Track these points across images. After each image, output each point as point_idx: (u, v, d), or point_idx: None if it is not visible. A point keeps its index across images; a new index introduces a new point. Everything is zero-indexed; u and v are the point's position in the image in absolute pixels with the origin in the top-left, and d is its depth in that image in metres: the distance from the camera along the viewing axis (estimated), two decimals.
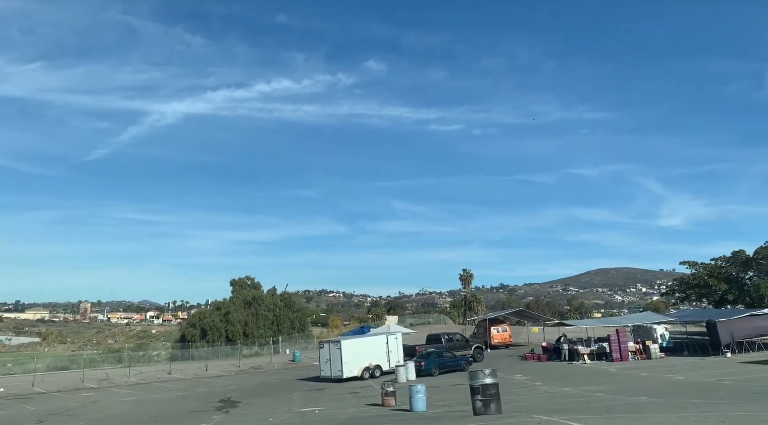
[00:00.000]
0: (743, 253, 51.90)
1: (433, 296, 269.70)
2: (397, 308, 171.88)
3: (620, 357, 34.54)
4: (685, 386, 22.29)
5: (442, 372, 33.87)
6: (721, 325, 32.62)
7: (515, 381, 28.61)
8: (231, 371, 46.40)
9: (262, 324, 61.45)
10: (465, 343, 40.33)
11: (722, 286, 50.52)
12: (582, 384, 25.57)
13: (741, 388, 20.07)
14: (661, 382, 24.05)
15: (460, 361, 35.10)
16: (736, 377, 23.83)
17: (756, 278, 50.69)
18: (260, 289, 68.31)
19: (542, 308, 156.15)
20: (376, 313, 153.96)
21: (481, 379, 14.84)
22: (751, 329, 32.96)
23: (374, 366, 34.83)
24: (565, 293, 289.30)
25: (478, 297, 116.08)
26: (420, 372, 33.15)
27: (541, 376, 29.77)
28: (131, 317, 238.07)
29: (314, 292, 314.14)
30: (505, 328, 50.63)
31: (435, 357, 34.26)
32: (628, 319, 41.79)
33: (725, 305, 51.15)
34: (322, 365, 34.74)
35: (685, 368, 29.10)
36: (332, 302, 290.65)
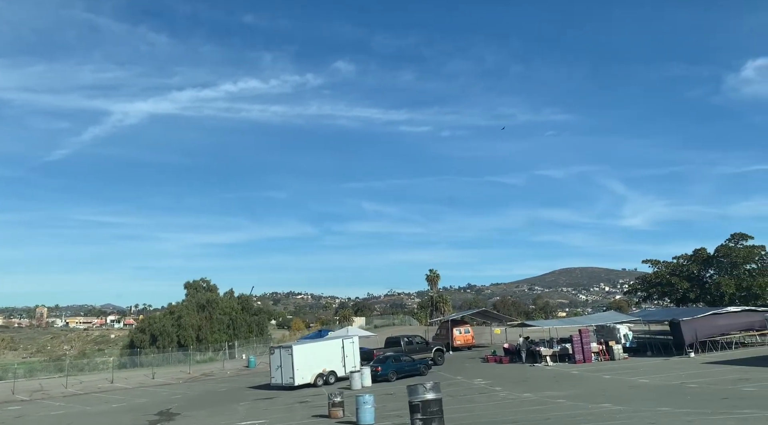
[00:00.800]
0: (704, 251, 51.82)
1: (402, 297, 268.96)
2: (365, 309, 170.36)
3: (583, 359, 33.43)
4: (650, 391, 21.09)
5: (400, 377, 32.17)
6: (685, 324, 31.81)
7: (474, 386, 27.13)
8: (180, 378, 43.84)
9: (217, 328, 58.79)
10: (425, 346, 38.76)
11: (684, 284, 50.29)
12: (543, 388, 24.23)
13: (707, 393, 18.92)
14: (625, 386, 22.84)
15: (419, 365, 33.47)
16: (701, 379, 22.79)
17: (716, 276, 50.63)
18: (216, 292, 65.51)
19: (508, 307, 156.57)
20: (343, 315, 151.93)
21: (421, 395, 13.05)
22: (714, 328, 32.27)
23: (328, 372, 32.95)
24: (531, 292, 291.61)
25: (444, 298, 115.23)
26: (376, 377, 31.43)
27: (501, 380, 28.39)
28: (91, 321, 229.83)
29: (282, 294, 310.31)
30: (467, 329, 49.30)
31: (392, 362, 32.55)
32: (591, 319, 40.93)
33: (687, 304, 50.96)
34: (273, 372, 32.72)
35: (649, 369, 28.07)
36: (300, 304, 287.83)
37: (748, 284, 47.01)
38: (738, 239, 50.30)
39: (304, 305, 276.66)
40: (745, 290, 47.15)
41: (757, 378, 21.75)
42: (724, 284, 47.42)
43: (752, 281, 47.02)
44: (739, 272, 48.91)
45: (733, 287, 47.14)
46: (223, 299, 63.87)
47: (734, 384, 20.49)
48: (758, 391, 18.25)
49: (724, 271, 49.86)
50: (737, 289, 47.30)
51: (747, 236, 50.03)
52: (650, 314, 40.32)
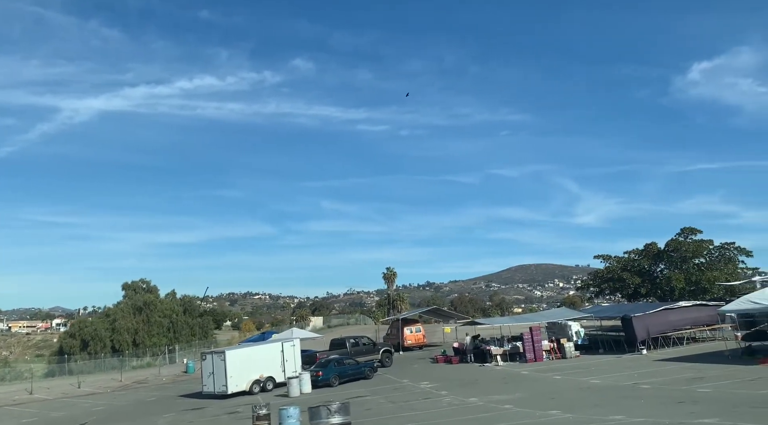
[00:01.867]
0: (655, 245, 51.71)
1: (362, 296, 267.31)
2: (323, 309, 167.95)
3: (534, 358, 32.14)
4: (602, 393, 19.68)
5: (344, 382, 30.17)
6: (637, 320, 30.86)
7: (419, 390, 25.32)
8: (109, 387, 40.58)
9: (156, 331, 55.30)
10: (372, 347, 36.82)
11: (635, 279, 50.00)
12: (491, 391, 22.62)
13: (661, 396, 17.58)
14: (576, 388, 21.43)
15: (363, 368, 31.49)
16: (654, 379, 21.58)
17: (667, 270, 50.59)
18: (156, 293, 61.81)
19: (465, 304, 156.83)
20: (300, 314, 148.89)
21: (324, 419, 10.78)
22: (666, 324, 31.44)
23: (266, 378, 30.67)
24: (488, 289, 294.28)
25: (401, 296, 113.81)
26: (317, 383, 29.32)
27: (448, 383, 26.70)
28: (35, 325, 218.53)
29: (239, 295, 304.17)
30: (418, 328, 47.64)
31: (334, 366, 30.44)
32: (543, 316, 39.83)
33: (638, 299, 50.73)
34: (205, 379, 30.24)
35: (601, 368, 26.89)
36: (258, 304, 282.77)
37: (697, 278, 47.02)
38: (687, 234, 50.36)
39: (262, 306, 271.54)
40: (694, 285, 47.16)
41: (711, 376, 20.67)
42: (674, 278, 47.32)
43: (701, 276, 47.05)
44: (688, 266, 48.95)
45: (682, 282, 47.08)
46: (163, 301, 60.29)
47: (688, 385, 19.28)
48: (713, 393, 17.00)
49: (674, 265, 49.84)
50: (687, 283, 47.28)
51: (696, 231, 50.17)
52: (602, 311, 39.49)
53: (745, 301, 24.96)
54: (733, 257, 49.24)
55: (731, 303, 27.05)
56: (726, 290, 46.32)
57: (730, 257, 49.20)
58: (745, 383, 18.42)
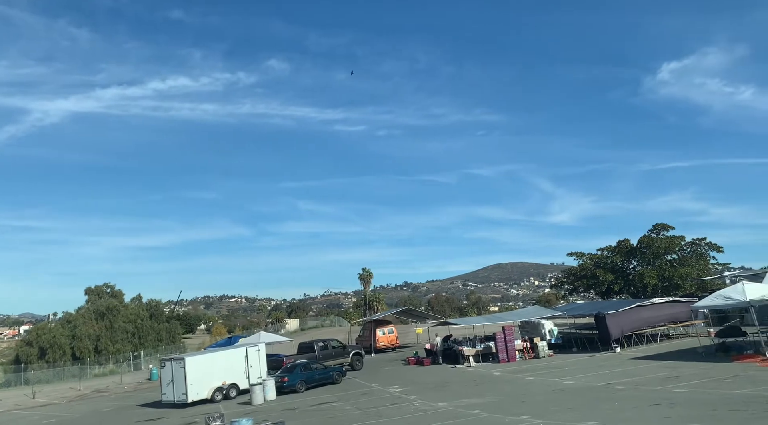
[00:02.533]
0: (627, 242, 51.57)
1: (339, 297, 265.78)
2: (300, 311, 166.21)
3: (507, 358, 31.34)
4: (575, 396, 18.84)
5: (311, 387, 28.94)
6: (610, 318, 30.27)
7: (388, 394, 24.25)
8: (66, 397, 38.61)
9: (120, 337, 53.19)
10: (342, 350, 35.62)
11: (608, 276, 49.75)
12: (461, 395, 21.67)
13: (636, 397, 16.79)
14: (548, 390, 20.57)
15: (331, 372, 30.30)
16: (629, 379, 20.87)
17: (640, 267, 50.47)
18: (121, 297, 59.60)
19: (442, 304, 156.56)
20: (275, 317, 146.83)
21: None
22: (640, 321, 30.93)
23: (229, 385, 29.25)
24: (464, 288, 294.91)
25: (378, 296, 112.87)
26: (282, 389, 28.07)
27: (419, 386, 25.70)
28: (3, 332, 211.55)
29: (214, 298, 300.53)
30: (391, 329, 46.61)
31: (300, 371, 29.18)
32: (515, 315, 39.14)
33: (612, 296, 50.52)
34: (164, 387, 28.70)
35: (575, 368, 26.17)
36: (234, 307, 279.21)
37: (670, 274, 46.95)
38: (660, 230, 50.32)
39: (238, 309, 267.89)
40: (666, 281, 47.09)
41: (686, 375, 20.02)
42: (647, 275, 47.15)
43: (673, 272, 46.98)
44: (661, 262, 48.88)
45: (655, 278, 46.94)
46: (128, 305, 58.14)
47: (663, 384, 18.57)
48: (689, 394, 16.27)
49: (647, 262, 49.73)
50: (659, 280, 47.17)
51: (668, 227, 50.15)
52: (575, 308, 38.93)
53: (718, 297, 24.47)
54: (705, 253, 49.36)
55: (704, 299, 26.59)
56: (698, 286, 46.37)
57: (702, 253, 49.31)
58: (721, 382, 17.76)
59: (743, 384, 16.88)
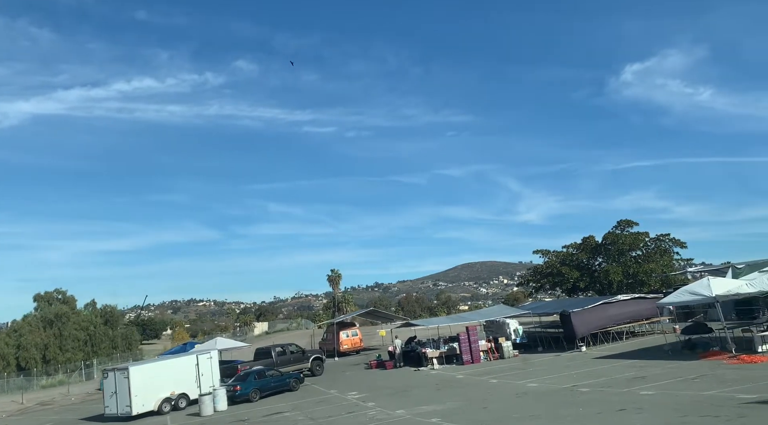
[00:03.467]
0: (592, 239, 51.29)
1: (310, 299, 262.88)
2: (270, 313, 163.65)
3: (471, 359, 30.35)
4: (538, 399, 17.80)
5: (265, 396, 27.37)
6: (576, 316, 29.52)
7: (345, 402, 22.89)
8: (5, 411, 36.17)
9: (70, 346, 50.46)
10: (301, 355, 34.12)
11: (574, 274, 49.35)
12: (421, 401, 20.46)
13: (601, 401, 15.83)
14: (511, 394, 19.52)
15: (288, 379, 28.76)
16: (594, 380, 19.99)
17: (605, 264, 50.22)
18: (73, 303, 56.72)
19: (412, 304, 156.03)
20: (244, 320, 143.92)
21: None
22: (606, 319, 30.27)
23: (178, 395, 27.47)
24: (435, 288, 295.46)
25: (347, 298, 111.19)
26: (235, 398, 26.44)
27: (378, 392, 24.43)
28: None
29: (182, 302, 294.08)
30: (355, 332, 45.25)
31: (254, 378, 27.57)
32: (480, 315, 38.26)
33: (577, 293, 50.17)
34: (107, 399, 26.76)
35: (540, 369, 25.28)
36: (202, 311, 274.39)
37: (635, 271, 46.73)
38: (624, 226, 50.15)
39: (206, 313, 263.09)
40: (632, 277, 46.86)
41: (652, 375, 19.21)
42: (612, 271, 46.86)
43: (638, 268, 46.78)
44: (625, 259, 48.69)
45: (620, 275, 46.68)
46: (80, 312, 55.31)
47: (629, 386, 17.69)
48: (657, 396, 15.37)
49: (612, 259, 49.51)
50: (624, 276, 46.93)
51: (632, 223, 50.01)
52: (540, 307, 38.26)
53: (685, 293, 23.85)
54: (668, 249, 49.36)
55: (670, 295, 26.00)
56: (662, 282, 46.28)
57: (666, 248, 49.29)
58: (689, 382, 16.96)
59: (712, 384, 16.08)
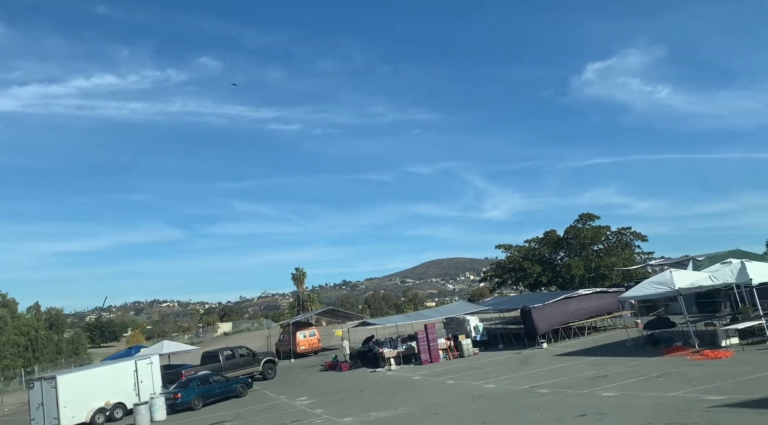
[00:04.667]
0: (554, 233, 50.74)
1: (276, 299, 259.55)
2: (234, 313, 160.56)
3: (430, 359, 29.08)
4: (494, 403, 16.52)
5: (210, 403, 25.50)
6: (536, 312, 28.53)
7: (293, 409, 21.23)
8: None
9: (9, 352, 47.28)
10: (252, 358, 32.28)
11: (536, 268, 48.67)
12: (372, 406, 18.99)
13: (560, 405, 14.62)
14: (467, 397, 18.20)
15: (235, 385, 26.91)
16: (554, 379, 18.85)
17: (567, 258, 49.72)
18: (14, 307, 53.31)
19: (379, 301, 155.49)
20: (207, 321, 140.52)
21: None
22: (567, 314, 29.40)
23: (113, 405, 25.34)
24: (402, 285, 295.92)
25: (312, 296, 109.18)
26: (176, 406, 24.51)
27: (329, 396, 22.87)
28: None
29: (145, 303, 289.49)
30: (313, 332, 43.55)
31: (197, 385, 25.64)
32: (439, 312, 37.04)
33: (540, 288, 49.55)
34: (33, 412, 24.50)
35: (499, 368, 24.12)
36: (166, 312, 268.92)
37: (596, 264, 46.30)
38: (585, 220, 49.74)
39: (170, 313, 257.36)
40: (593, 271, 46.42)
41: (615, 374, 18.17)
42: (574, 266, 46.31)
43: (600, 262, 46.36)
44: (587, 253, 48.26)
45: (582, 269, 46.18)
46: (20, 316, 52.03)
47: (591, 386, 16.56)
48: (619, 399, 14.23)
49: (574, 253, 49.03)
50: (586, 270, 46.45)
51: (594, 217, 49.63)
52: (501, 303, 37.27)
53: (647, 286, 23.00)
54: (630, 243, 49.17)
55: (632, 289, 25.18)
56: (623, 276, 46.00)
57: (627, 242, 49.07)
58: (653, 381, 15.91)
59: (676, 383, 15.06)
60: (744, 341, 20.24)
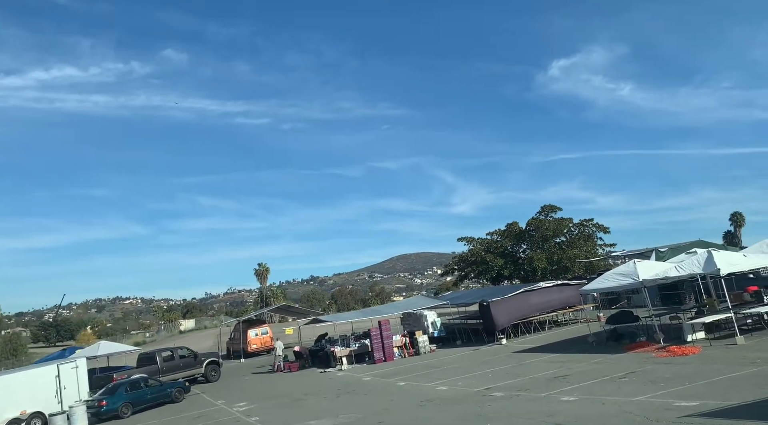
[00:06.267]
0: (516, 225, 49.65)
1: (243, 295, 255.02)
2: (198, 310, 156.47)
3: (384, 357, 27.30)
4: (442, 409, 14.81)
5: (141, 409, 23.20)
6: (495, 306, 27.04)
7: (228, 416, 19.19)
8: None
9: None
10: (194, 359, 29.95)
11: (498, 261, 47.46)
12: (313, 413, 17.11)
13: (514, 411, 12.98)
14: (415, 402, 16.45)
15: (169, 390, 24.60)
16: (510, 380, 17.28)
17: (529, 251, 48.67)
18: None
19: (345, 296, 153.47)
20: (168, 318, 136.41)
21: None
22: (528, 308, 28.02)
23: (30, 414, 22.77)
24: (370, 280, 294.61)
25: (275, 292, 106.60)
26: (101, 415, 22.14)
27: (270, 401, 20.88)
28: None
29: (107, 300, 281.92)
30: (265, 330, 41.26)
31: (126, 391, 23.25)
32: (395, 307, 35.36)
33: (502, 281, 48.38)
34: None
35: (454, 367, 22.48)
36: (128, 309, 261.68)
37: (559, 257, 45.36)
38: (548, 212, 48.76)
39: (133, 311, 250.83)
40: (556, 264, 45.47)
41: (575, 373, 16.69)
42: (536, 258, 45.25)
43: (562, 254, 45.44)
44: (549, 245, 47.28)
45: (544, 262, 45.17)
46: None
47: (549, 388, 14.99)
48: (579, 405, 12.65)
49: (536, 245, 47.99)
50: (549, 263, 45.46)
51: (556, 208, 48.69)
52: (459, 297, 35.78)
53: (609, 277, 21.65)
54: (592, 235, 48.40)
55: (594, 281, 23.80)
56: (585, 268, 45.16)
57: (589, 234, 48.29)
58: (616, 383, 14.40)
59: (642, 385, 13.58)
60: (710, 335, 19.04)
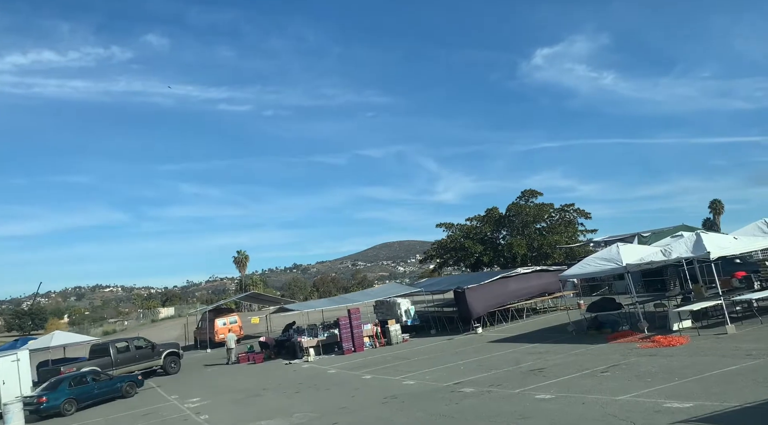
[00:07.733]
0: (496, 210, 48.15)
1: (225, 283, 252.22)
2: (178, 298, 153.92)
3: (353, 347, 25.75)
4: (405, 409, 13.26)
5: (88, 406, 21.36)
6: (471, 293, 25.58)
7: (177, 413, 17.49)
8: None
9: None
10: (151, 351, 28.11)
11: (477, 248, 45.96)
12: (268, 410, 15.54)
13: (482, 412, 11.46)
14: (378, 398, 14.89)
15: (119, 384, 22.76)
16: (483, 374, 15.80)
17: (509, 237, 47.29)
18: None
19: (327, 284, 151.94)
20: (148, 306, 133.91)
21: None
22: (506, 295, 26.61)
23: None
24: (353, 268, 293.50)
25: (255, 280, 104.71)
26: (40, 412, 20.27)
27: (226, 396, 19.26)
28: None
29: (87, 288, 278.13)
30: (234, 319, 39.56)
31: (69, 386, 21.34)
32: (367, 295, 33.77)
33: (481, 268, 46.99)
34: None
35: (425, 358, 20.99)
36: (108, 298, 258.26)
37: (539, 243, 44.00)
38: (528, 197, 47.32)
39: (113, 299, 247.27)
40: (536, 250, 44.13)
41: (553, 366, 15.25)
42: (516, 244, 43.82)
43: (543, 240, 44.08)
44: (530, 231, 45.93)
45: (524, 248, 43.76)
46: None
47: (524, 384, 13.51)
48: (556, 405, 11.16)
49: (516, 231, 46.61)
50: (529, 249, 44.11)
51: (537, 193, 47.24)
52: (434, 284, 34.29)
53: (591, 262, 20.23)
54: (573, 220, 47.15)
55: (574, 267, 22.40)
56: (566, 254, 43.94)
57: (570, 219, 47.04)
58: (597, 378, 12.95)
59: (627, 381, 12.13)
60: (698, 324, 17.73)
